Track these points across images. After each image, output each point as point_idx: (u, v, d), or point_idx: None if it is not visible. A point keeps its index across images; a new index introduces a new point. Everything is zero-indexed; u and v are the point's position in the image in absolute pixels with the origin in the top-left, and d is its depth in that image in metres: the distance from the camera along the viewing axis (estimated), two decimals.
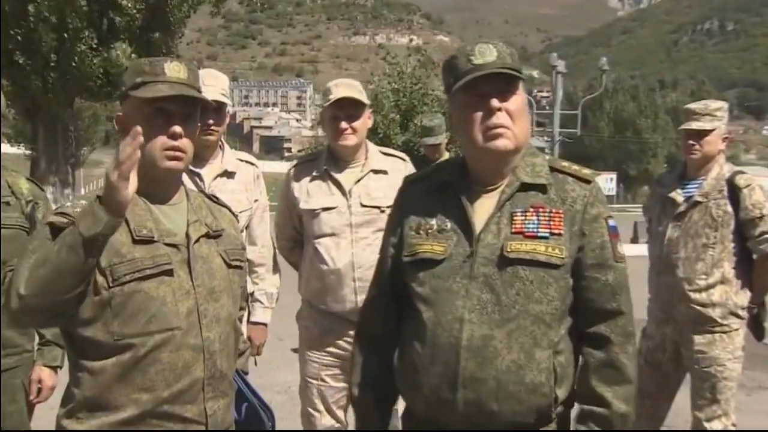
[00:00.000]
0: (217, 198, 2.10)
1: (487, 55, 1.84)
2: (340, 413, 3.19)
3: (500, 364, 1.77)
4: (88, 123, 37.81)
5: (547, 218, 1.83)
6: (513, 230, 1.83)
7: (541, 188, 1.88)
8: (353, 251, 3.04)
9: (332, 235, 3.07)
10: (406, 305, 1.93)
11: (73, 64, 11.98)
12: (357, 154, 3.16)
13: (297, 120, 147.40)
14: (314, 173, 3.16)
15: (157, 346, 1.76)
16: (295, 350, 6.61)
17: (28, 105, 12.82)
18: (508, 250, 1.80)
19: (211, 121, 2.97)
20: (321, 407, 3.17)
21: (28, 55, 11.81)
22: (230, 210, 2.11)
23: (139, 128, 1.62)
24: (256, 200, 3.22)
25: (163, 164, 1.82)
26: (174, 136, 1.81)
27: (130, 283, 1.75)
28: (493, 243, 1.82)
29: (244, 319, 3.09)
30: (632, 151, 58.39)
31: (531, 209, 1.85)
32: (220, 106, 2.99)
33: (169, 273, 1.79)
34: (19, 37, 11.80)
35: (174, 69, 1.84)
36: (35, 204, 2.82)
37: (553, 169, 1.91)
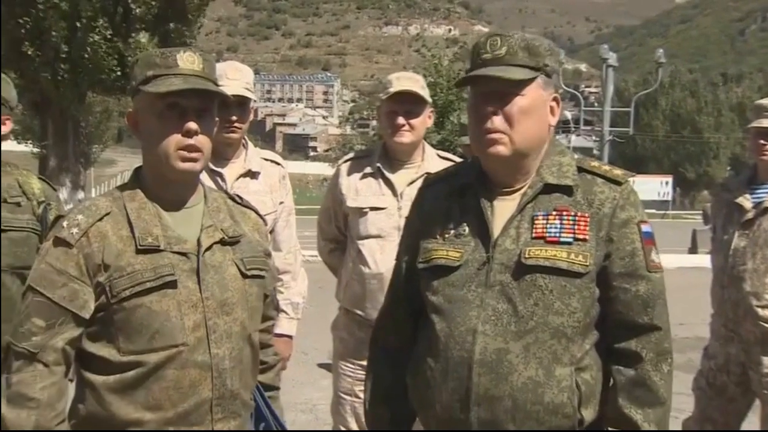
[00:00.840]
0: (241, 198, 2.08)
1: (497, 48, 1.84)
2: None
3: (516, 380, 1.75)
4: (100, 119, 38.36)
5: (571, 222, 1.81)
6: (533, 235, 1.81)
7: (567, 190, 1.85)
8: None
9: (378, 237, 3.10)
10: (422, 315, 1.93)
11: (86, 55, 12.13)
12: (413, 155, 3.19)
13: (323, 117, 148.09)
14: (366, 170, 3.20)
15: (162, 364, 1.76)
16: (321, 365, 6.69)
17: (37, 99, 13.01)
18: (526, 256, 1.79)
19: (234, 117, 2.98)
20: (354, 425, 3.18)
21: (37, 45, 12.01)
22: (256, 212, 2.09)
23: None
24: (281, 202, 3.23)
25: (178, 165, 1.81)
26: (189, 134, 1.79)
27: (131, 299, 1.75)
28: (511, 249, 1.81)
29: (291, 327, 3.13)
30: (690, 152, 57.55)
31: (554, 212, 1.83)
32: (243, 101, 3.01)
33: (173, 285, 1.78)
34: (27, 26, 12.00)
35: (188, 60, 1.82)
36: (47, 205, 2.87)
37: (581, 170, 1.89)
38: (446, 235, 1.90)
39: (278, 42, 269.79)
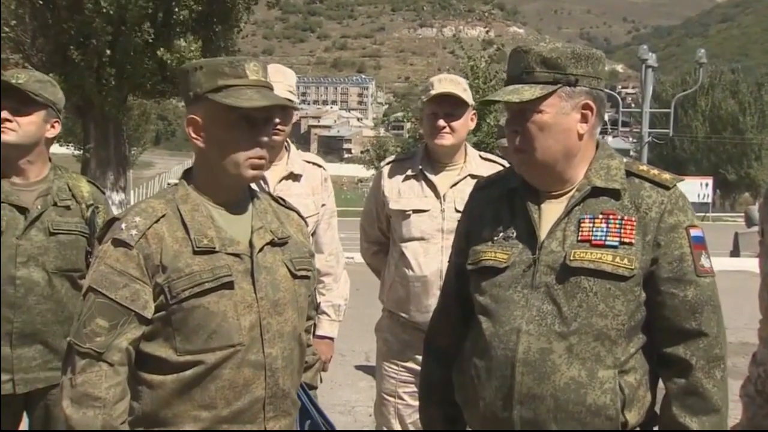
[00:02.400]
0: (284, 201, 2.12)
1: (516, 66, 1.89)
2: None
3: (558, 380, 1.77)
4: (138, 122, 38.95)
5: (617, 226, 1.82)
6: (579, 238, 1.83)
7: (614, 193, 1.87)
8: (443, 258, 3.02)
9: (421, 239, 3.11)
10: (471, 316, 1.96)
11: (129, 59, 12.30)
12: (455, 157, 3.20)
13: (358, 119, 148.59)
14: (408, 172, 3.21)
15: (219, 363, 1.80)
16: (358, 367, 6.71)
17: (80, 103, 13.22)
18: (571, 258, 1.81)
19: (277, 120, 3.00)
20: (397, 427, 3.20)
21: (82, 50, 12.21)
22: (299, 213, 2.13)
23: None
24: (323, 205, 3.25)
25: (247, 173, 1.87)
26: (262, 145, 1.86)
27: (189, 300, 1.79)
28: (557, 251, 1.84)
29: (333, 329, 3.15)
30: (731, 153, 56.50)
31: (601, 216, 1.84)
32: (286, 105, 3.03)
33: (230, 286, 1.82)
34: (72, 32, 12.21)
35: (254, 70, 1.87)
36: (96, 208, 2.92)
37: (629, 173, 1.91)
38: (495, 238, 1.94)
39: (313, 44, 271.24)
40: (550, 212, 1.89)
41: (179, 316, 1.79)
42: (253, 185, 2.82)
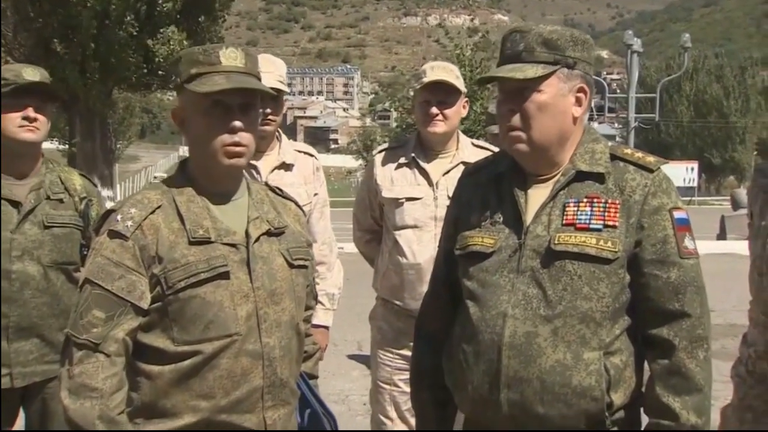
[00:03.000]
0: (281, 191, 2.12)
1: (515, 45, 1.89)
2: (413, 421, 3.21)
3: (544, 363, 1.80)
4: (123, 115, 38.69)
5: (601, 209, 1.84)
6: (564, 222, 1.86)
7: (599, 177, 1.89)
8: (436, 246, 3.04)
9: (414, 227, 3.13)
10: (460, 301, 1.98)
11: (113, 52, 12.24)
12: (447, 144, 3.21)
13: (344, 109, 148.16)
14: (400, 160, 3.22)
15: (216, 353, 1.80)
16: (350, 356, 6.74)
17: (65, 97, 13.15)
18: (556, 242, 1.83)
19: (268, 110, 3.01)
20: (393, 414, 3.21)
21: (66, 43, 12.13)
22: (296, 203, 2.13)
23: None
24: (315, 194, 3.26)
25: (224, 161, 1.85)
26: (233, 131, 1.83)
27: (186, 290, 1.79)
28: (542, 235, 1.86)
29: (328, 318, 3.16)
30: (716, 137, 56.79)
31: (585, 199, 1.86)
32: (277, 94, 3.03)
33: (226, 276, 1.82)
34: (55, 25, 12.12)
35: (230, 57, 1.85)
36: (89, 201, 2.92)
37: (614, 157, 1.92)
38: (482, 223, 1.96)
39: (298, 35, 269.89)
40: (536, 197, 1.91)
41: (176, 306, 1.80)
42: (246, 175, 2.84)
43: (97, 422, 1.73)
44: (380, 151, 3.34)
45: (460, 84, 3.15)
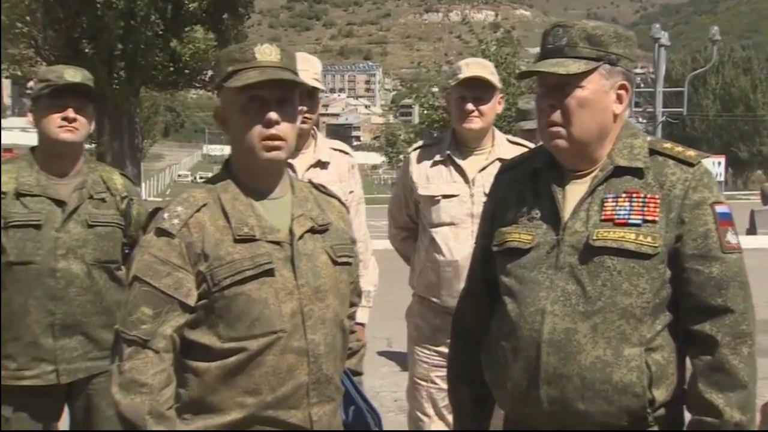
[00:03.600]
0: (324, 188, 2.12)
1: (558, 39, 1.87)
2: (450, 418, 3.22)
3: (584, 359, 1.78)
4: (148, 114, 38.98)
5: (641, 204, 1.82)
6: (603, 217, 1.83)
7: (638, 172, 1.87)
8: (473, 243, 3.05)
9: (451, 224, 3.12)
10: (498, 297, 1.97)
11: (140, 51, 12.37)
12: (483, 140, 3.19)
13: (366, 106, 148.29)
14: (436, 158, 3.21)
15: (262, 350, 1.81)
16: (380, 353, 6.75)
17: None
18: (594, 238, 1.81)
19: (304, 108, 3.01)
20: (431, 411, 3.21)
21: (94, 43, 12.27)
22: (339, 200, 2.13)
23: None
24: (351, 192, 3.26)
25: (262, 155, 1.85)
26: (269, 124, 1.83)
27: (231, 287, 1.80)
28: (581, 231, 1.84)
29: (364, 315, 3.17)
30: (743, 131, 56.05)
31: (624, 194, 1.84)
32: (312, 92, 3.05)
33: (270, 273, 1.83)
34: (84, 25, 12.27)
35: (265, 52, 1.86)
36: (130, 200, 2.96)
37: (653, 152, 1.90)
38: (519, 219, 1.94)
39: (319, 32, 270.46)
40: (573, 192, 1.90)
41: (222, 303, 1.81)
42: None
43: (148, 417, 1.75)
44: (415, 149, 3.33)
45: (496, 80, 3.14)
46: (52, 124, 2.77)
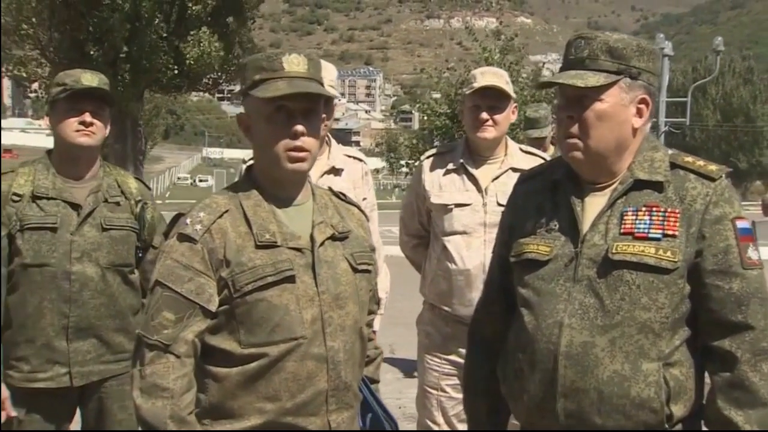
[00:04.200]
0: (345, 195, 2.13)
1: (580, 51, 1.87)
2: (460, 426, 3.21)
3: (602, 374, 1.77)
4: (149, 116, 38.99)
5: (660, 218, 1.81)
6: (622, 231, 1.82)
7: (658, 186, 1.85)
8: (485, 252, 3.04)
9: (464, 233, 3.11)
10: (514, 308, 1.97)
11: (144, 54, 12.38)
12: (496, 150, 3.19)
13: (366, 111, 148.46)
14: (449, 166, 3.20)
15: (282, 356, 1.82)
16: (384, 360, 6.72)
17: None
18: (614, 251, 1.80)
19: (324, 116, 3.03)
20: (440, 420, 3.20)
21: (99, 46, 12.29)
22: (360, 208, 2.14)
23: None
24: (364, 198, 3.26)
25: (286, 166, 1.86)
26: (296, 136, 1.84)
27: (253, 293, 1.81)
28: (600, 244, 1.83)
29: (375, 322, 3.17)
30: (743, 141, 56.15)
31: (644, 208, 1.83)
32: (327, 99, 3.06)
33: (292, 279, 1.84)
34: (90, 27, 12.29)
35: (293, 63, 1.87)
36: (144, 204, 2.97)
37: (674, 165, 1.89)
38: (538, 230, 1.93)
39: (320, 37, 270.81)
40: (593, 205, 1.88)
41: (243, 309, 1.81)
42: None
43: (169, 422, 1.76)
44: (428, 157, 3.33)
45: (510, 89, 3.15)
46: (69, 128, 2.78)
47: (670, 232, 1.80)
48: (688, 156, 1.93)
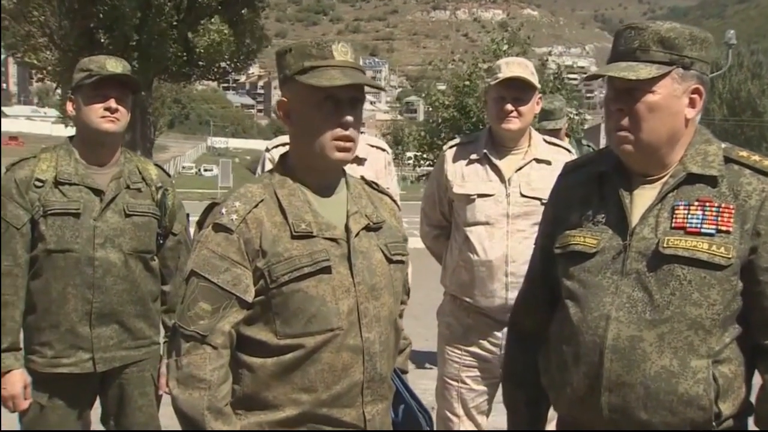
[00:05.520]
0: (377, 185, 2.11)
1: (630, 42, 1.82)
2: (480, 419, 3.21)
3: (649, 369, 1.74)
4: (155, 105, 39.04)
5: (714, 213, 1.77)
6: (673, 225, 1.78)
7: (711, 180, 1.81)
8: (508, 243, 3.04)
9: (486, 224, 3.09)
10: (557, 300, 1.94)
11: (154, 42, 12.36)
12: (520, 141, 3.17)
13: (371, 102, 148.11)
14: (472, 156, 3.19)
15: (318, 347, 1.80)
16: None
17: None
18: (665, 245, 1.76)
19: None
20: (460, 411, 3.19)
21: (109, 34, 12.27)
22: (392, 198, 2.12)
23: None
24: (387, 188, 3.26)
25: (333, 155, 1.85)
26: (346, 126, 1.83)
27: (289, 284, 1.79)
28: (649, 237, 1.79)
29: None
30: (749, 136, 55.90)
31: (696, 203, 1.79)
32: (370, 84, 3.04)
33: (328, 270, 1.82)
34: (101, 15, 12.26)
35: (342, 51, 1.86)
36: (165, 191, 2.96)
37: (728, 160, 1.84)
38: (584, 222, 1.90)
39: (326, 27, 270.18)
40: (642, 198, 1.85)
41: (279, 300, 1.80)
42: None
43: (206, 413, 1.74)
44: (451, 147, 3.30)
45: (536, 80, 3.12)
46: (95, 114, 2.77)
47: (724, 228, 1.76)
48: (742, 150, 1.88)
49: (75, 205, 2.75)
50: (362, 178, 2.13)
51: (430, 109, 18.17)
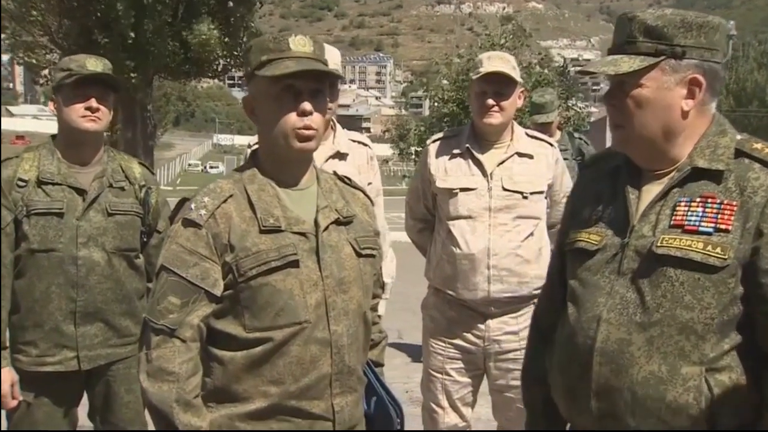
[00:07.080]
0: (350, 180, 2.13)
1: (619, 34, 1.77)
2: (465, 410, 3.23)
3: (636, 374, 1.67)
4: (159, 103, 39.07)
5: (714, 210, 1.67)
6: (672, 222, 1.70)
7: (717, 175, 1.71)
8: (490, 237, 3.06)
9: (468, 217, 3.11)
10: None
11: (150, 41, 12.37)
12: (502, 135, 3.18)
13: (376, 98, 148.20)
14: (454, 151, 3.20)
15: (287, 340, 1.83)
16: (392, 345, 6.75)
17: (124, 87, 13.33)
18: (658, 244, 1.68)
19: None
20: (445, 403, 3.21)
21: (107, 32, 12.29)
22: (365, 193, 2.14)
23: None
24: (369, 183, 3.26)
25: (295, 145, 1.87)
26: (304, 114, 1.85)
27: (257, 278, 1.82)
28: (648, 235, 1.72)
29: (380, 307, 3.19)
30: (756, 126, 55.51)
31: (699, 199, 1.69)
32: (333, 83, 3.06)
33: (295, 264, 1.84)
34: (98, 14, 12.29)
35: (299, 43, 1.88)
36: (149, 189, 2.98)
37: (740, 153, 1.72)
38: (593, 219, 1.84)
39: (331, 23, 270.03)
40: (649, 194, 1.76)
41: (247, 294, 1.83)
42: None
43: (175, 405, 1.78)
44: (434, 141, 3.32)
45: (517, 75, 3.13)
46: (75, 113, 2.79)
47: (722, 227, 1.65)
48: (758, 142, 1.75)
49: (58, 204, 2.77)
50: (335, 173, 2.15)
51: (436, 104, 18.17)
